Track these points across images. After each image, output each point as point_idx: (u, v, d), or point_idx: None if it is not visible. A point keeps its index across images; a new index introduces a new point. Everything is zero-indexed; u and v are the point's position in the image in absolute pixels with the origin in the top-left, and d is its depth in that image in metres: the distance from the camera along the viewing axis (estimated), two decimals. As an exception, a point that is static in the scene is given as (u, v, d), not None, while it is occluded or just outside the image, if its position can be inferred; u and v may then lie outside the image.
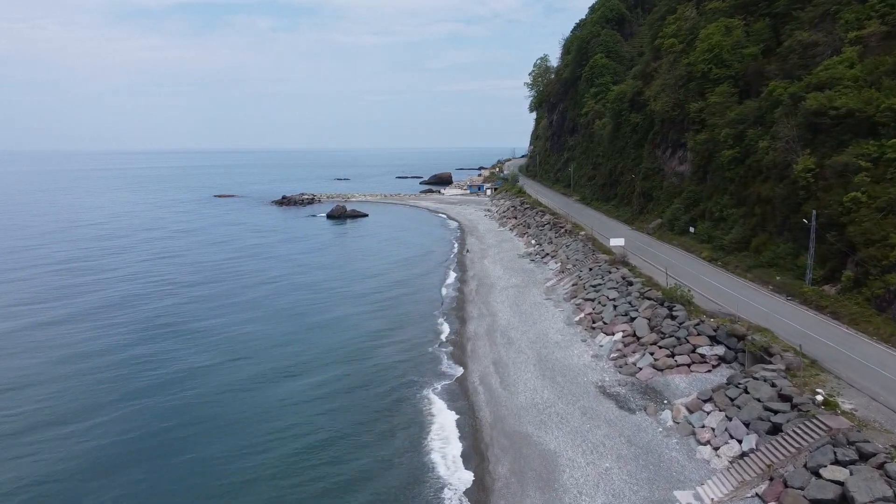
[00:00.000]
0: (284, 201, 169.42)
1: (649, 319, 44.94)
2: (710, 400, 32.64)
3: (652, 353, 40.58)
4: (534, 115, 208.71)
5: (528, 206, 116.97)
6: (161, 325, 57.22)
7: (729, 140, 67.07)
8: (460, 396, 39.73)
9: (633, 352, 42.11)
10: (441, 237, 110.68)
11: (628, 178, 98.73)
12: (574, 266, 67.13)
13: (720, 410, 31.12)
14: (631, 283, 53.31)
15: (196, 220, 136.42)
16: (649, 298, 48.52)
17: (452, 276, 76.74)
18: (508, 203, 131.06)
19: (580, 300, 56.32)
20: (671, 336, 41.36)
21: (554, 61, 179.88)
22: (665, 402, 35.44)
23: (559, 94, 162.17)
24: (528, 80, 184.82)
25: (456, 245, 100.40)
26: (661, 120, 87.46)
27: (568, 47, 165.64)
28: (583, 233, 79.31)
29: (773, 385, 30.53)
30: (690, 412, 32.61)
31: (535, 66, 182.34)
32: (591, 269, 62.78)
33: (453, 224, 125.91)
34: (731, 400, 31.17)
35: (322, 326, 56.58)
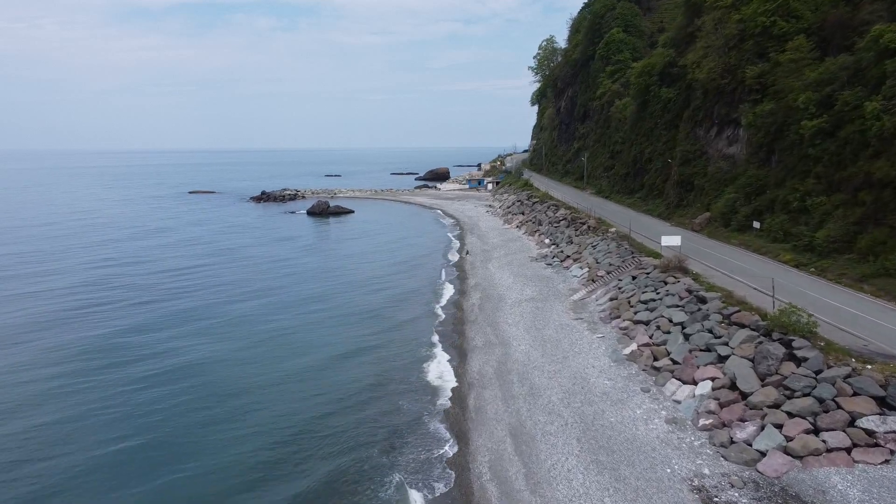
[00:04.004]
0: (263, 197, 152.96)
1: (753, 361, 28.75)
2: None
3: (778, 426, 24.36)
4: (535, 109, 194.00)
5: (536, 200, 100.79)
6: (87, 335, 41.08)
7: (811, 107, 51.07)
8: (458, 508, 23.44)
9: (740, 418, 25.89)
10: (436, 236, 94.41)
11: (659, 164, 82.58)
12: (609, 273, 50.93)
13: None
14: (703, 300, 37.12)
15: (150, 217, 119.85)
16: (741, 325, 32.33)
17: (449, 285, 60.52)
18: (513, 197, 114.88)
19: (626, 322, 40.15)
20: (805, 394, 25.23)
21: (561, 44, 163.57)
22: (833, 532, 19.31)
23: (568, 78, 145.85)
24: (533, 63, 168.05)
25: (453, 246, 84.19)
26: (703, 92, 71.43)
27: (577, 26, 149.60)
28: (613, 229, 63.14)
29: None
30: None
31: (540, 48, 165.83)
32: (634, 278, 46.63)
33: (450, 221, 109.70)
34: None
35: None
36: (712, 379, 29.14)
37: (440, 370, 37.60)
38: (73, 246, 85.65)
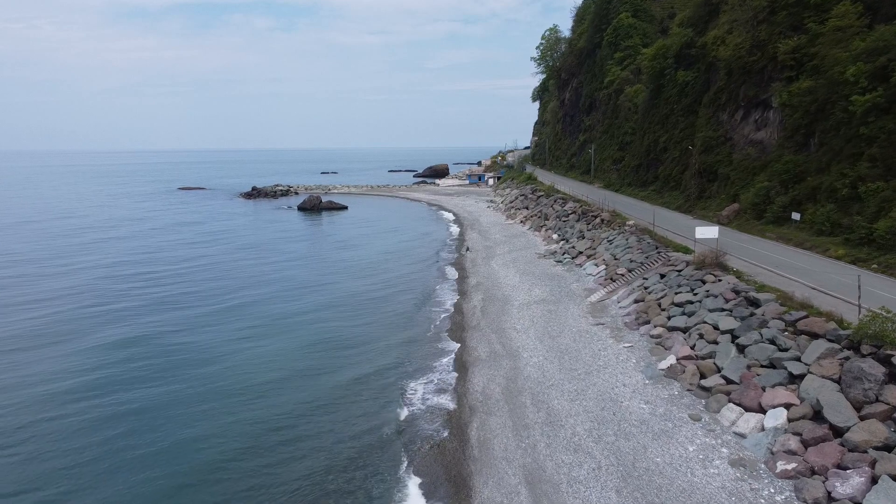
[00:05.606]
0: (254, 193, 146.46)
1: (840, 383, 22.14)
2: None
3: (894, 476, 17.76)
4: (536, 106, 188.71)
5: (541, 193, 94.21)
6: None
7: (862, 80, 44.51)
8: None
9: (838, 464, 19.26)
10: (433, 232, 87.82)
11: (676, 154, 76.00)
12: (631, 271, 44.31)
13: None
14: (755, 303, 30.50)
15: (127, 213, 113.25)
16: (814, 334, 25.70)
17: (447, 285, 53.94)
18: (516, 192, 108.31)
19: (658, 329, 33.54)
20: (927, 432, 18.62)
21: (566, 34, 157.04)
22: None
23: (573, 68, 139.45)
24: (536, 55, 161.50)
25: (453, 243, 77.63)
26: (727, 72, 64.86)
27: (582, 15, 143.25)
28: (630, 222, 56.54)
29: None
30: None
31: (543, 38, 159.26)
32: (663, 276, 40.03)
33: (450, 217, 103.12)
34: None
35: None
36: (786, 406, 22.53)
37: (434, 389, 30.87)
38: (45, 247, 79.06)
